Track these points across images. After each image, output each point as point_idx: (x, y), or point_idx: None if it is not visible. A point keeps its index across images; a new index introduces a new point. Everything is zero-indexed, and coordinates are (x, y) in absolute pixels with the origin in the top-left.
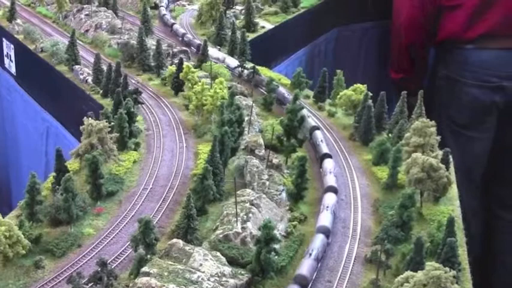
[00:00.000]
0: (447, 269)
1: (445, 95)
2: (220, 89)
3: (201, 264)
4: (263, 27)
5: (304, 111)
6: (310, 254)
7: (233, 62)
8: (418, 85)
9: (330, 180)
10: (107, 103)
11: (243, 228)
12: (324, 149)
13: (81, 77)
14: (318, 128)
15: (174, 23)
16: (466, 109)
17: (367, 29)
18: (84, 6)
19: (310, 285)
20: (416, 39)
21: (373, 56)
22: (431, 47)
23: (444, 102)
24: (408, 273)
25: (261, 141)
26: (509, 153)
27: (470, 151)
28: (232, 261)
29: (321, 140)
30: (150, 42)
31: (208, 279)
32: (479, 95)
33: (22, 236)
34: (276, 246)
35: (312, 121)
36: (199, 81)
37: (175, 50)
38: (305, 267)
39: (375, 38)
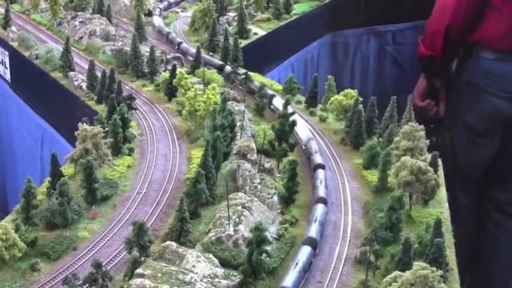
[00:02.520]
0: (434, 268)
1: (465, 100)
2: (213, 94)
3: (194, 266)
4: (256, 33)
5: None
6: (296, 265)
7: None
8: (442, 67)
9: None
10: (101, 109)
11: (235, 230)
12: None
13: (76, 83)
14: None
15: (169, 32)
16: (486, 118)
17: (359, 34)
18: (78, 13)
19: None
20: (457, 23)
21: (366, 61)
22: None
23: (462, 107)
24: (396, 273)
25: (253, 145)
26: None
27: (478, 156)
28: (224, 263)
29: (316, 151)
30: (144, 49)
31: (201, 280)
32: (502, 106)
33: (18, 239)
34: (268, 248)
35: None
36: (192, 87)
37: (168, 56)
38: (290, 279)
39: (367, 43)
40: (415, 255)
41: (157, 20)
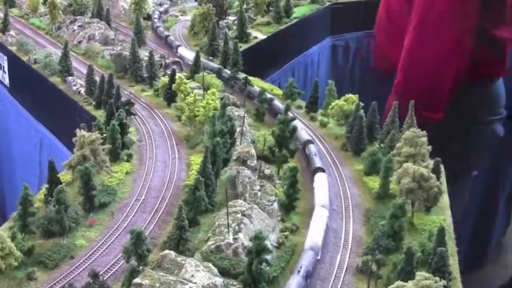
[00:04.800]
0: (437, 278)
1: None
2: (212, 100)
3: (192, 275)
4: (256, 37)
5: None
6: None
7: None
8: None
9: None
10: (100, 114)
11: (234, 239)
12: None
13: (74, 88)
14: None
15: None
16: (484, 145)
17: (360, 38)
18: (77, 17)
19: None
20: (464, 67)
21: (366, 65)
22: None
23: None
24: (399, 283)
25: (253, 151)
26: None
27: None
28: (224, 272)
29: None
30: (143, 53)
31: None
32: (496, 130)
33: (14, 248)
34: (268, 257)
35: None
36: (192, 92)
37: (167, 61)
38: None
39: (368, 46)
40: (418, 264)
41: (186, 52)
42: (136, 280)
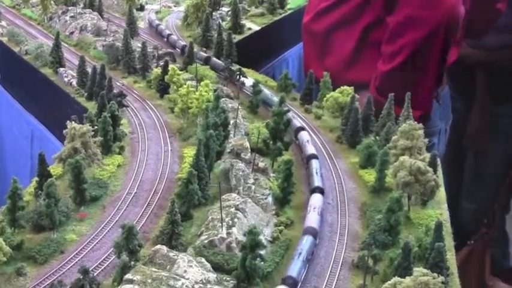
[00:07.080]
0: (435, 274)
1: None
2: (205, 91)
3: (185, 271)
4: (250, 28)
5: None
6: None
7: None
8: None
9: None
10: (92, 106)
11: (228, 233)
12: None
13: (66, 79)
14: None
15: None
16: None
17: None
18: (69, 8)
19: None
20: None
21: None
22: None
23: None
24: (396, 279)
25: (247, 144)
26: None
27: None
28: (217, 268)
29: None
30: (136, 44)
31: (193, 286)
32: None
33: (3, 243)
34: (262, 252)
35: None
36: (185, 84)
37: (160, 52)
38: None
39: None
40: (415, 259)
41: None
42: (128, 276)
